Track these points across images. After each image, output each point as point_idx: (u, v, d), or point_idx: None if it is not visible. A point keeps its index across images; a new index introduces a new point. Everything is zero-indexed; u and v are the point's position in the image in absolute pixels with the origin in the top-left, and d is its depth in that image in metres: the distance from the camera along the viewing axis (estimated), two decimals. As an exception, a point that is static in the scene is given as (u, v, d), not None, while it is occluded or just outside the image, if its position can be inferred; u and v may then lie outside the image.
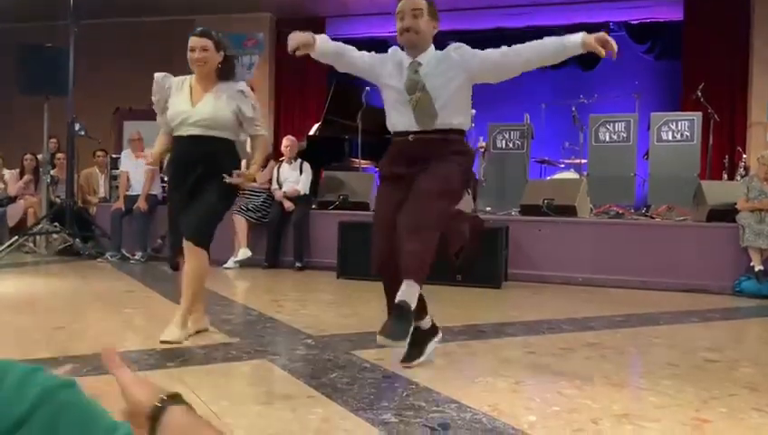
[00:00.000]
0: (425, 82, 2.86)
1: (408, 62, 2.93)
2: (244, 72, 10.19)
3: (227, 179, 3.23)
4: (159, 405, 0.82)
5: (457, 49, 2.94)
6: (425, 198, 2.71)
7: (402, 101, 2.89)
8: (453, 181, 2.83)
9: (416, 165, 2.83)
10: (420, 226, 2.65)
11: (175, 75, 3.43)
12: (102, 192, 8.42)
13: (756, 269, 5.36)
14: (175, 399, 0.83)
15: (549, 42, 2.81)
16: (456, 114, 2.90)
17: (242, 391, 2.58)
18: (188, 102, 3.30)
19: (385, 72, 2.98)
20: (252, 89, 3.51)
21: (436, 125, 2.86)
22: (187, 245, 3.22)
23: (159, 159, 3.67)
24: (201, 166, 3.26)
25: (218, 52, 3.30)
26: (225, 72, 3.35)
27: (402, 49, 2.99)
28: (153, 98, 3.42)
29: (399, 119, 2.93)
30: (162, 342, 3.15)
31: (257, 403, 2.34)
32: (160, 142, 3.46)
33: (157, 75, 3.39)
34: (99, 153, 8.58)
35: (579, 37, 2.69)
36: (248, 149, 4.40)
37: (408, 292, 2.63)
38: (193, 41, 3.26)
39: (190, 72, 3.37)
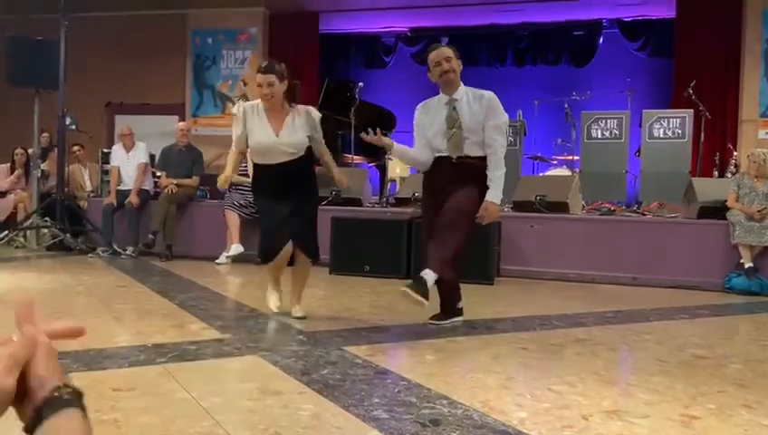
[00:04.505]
0: (461, 118, 3.57)
1: (446, 100, 3.62)
2: (236, 67, 10.17)
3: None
4: (57, 395, 0.62)
5: (491, 99, 3.57)
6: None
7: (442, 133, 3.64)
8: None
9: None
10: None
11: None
12: (89, 186, 8.34)
13: (746, 266, 5.39)
14: (77, 398, 0.63)
15: (497, 177, 3.59)
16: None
17: (233, 387, 2.58)
18: (271, 132, 3.69)
19: (427, 124, 3.68)
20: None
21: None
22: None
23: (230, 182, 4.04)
24: (293, 183, 3.79)
25: (282, 81, 3.64)
26: (292, 97, 3.74)
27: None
28: (236, 129, 3.79)
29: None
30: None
31: (248, 399, 2.34)
32: (234, 162, 3.85)
33: (234, 109, 3.80)
34: (75, 148, 8.30)
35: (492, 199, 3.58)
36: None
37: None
38: (260, 78, 3.62)
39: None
